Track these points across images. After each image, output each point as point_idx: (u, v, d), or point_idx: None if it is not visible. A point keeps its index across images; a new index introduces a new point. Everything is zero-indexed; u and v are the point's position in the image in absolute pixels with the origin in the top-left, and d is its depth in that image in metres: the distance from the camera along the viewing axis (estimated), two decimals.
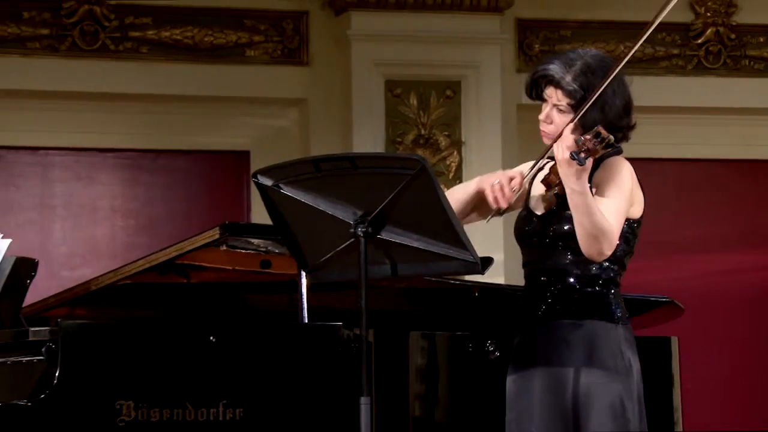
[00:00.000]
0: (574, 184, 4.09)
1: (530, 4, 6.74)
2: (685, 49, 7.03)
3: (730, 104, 6.98)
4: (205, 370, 4.22)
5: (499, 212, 4.19)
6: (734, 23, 7.04)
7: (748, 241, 6.98)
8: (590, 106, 4.18)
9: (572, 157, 4.05)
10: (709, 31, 7.02)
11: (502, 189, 4.16)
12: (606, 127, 4.16)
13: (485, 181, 4.23)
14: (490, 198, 4.19)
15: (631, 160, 4.36)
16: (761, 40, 7.07)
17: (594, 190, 4.16)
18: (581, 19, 6.87)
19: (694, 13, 7.02)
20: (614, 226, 4.16)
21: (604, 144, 4.09)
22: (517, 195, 4.17)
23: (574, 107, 4.19)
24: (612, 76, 4.14)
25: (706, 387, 6.52)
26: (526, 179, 4.19)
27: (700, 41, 7.02)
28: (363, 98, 6.53)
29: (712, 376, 6.69)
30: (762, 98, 6.98)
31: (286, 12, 6.69)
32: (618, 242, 4.19)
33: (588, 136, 4.08)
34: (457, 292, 5.01)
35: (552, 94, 4.24)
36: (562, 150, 4.11)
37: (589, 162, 4.09)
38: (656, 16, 4.07)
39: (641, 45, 6.81)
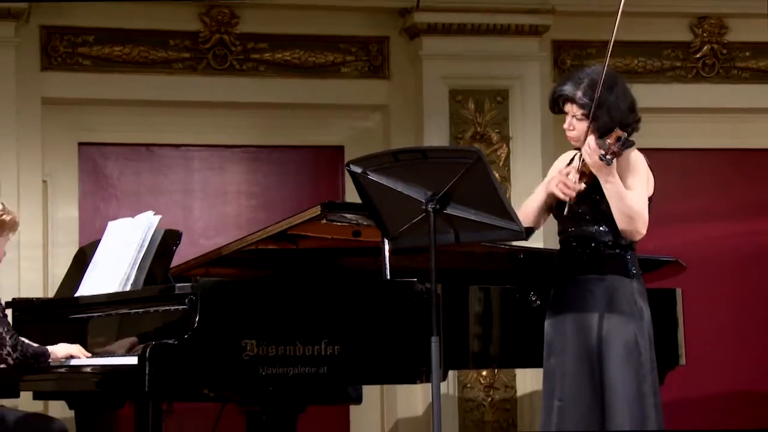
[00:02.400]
0: (607, 176, 4.08)
1: (563, 28, 6.68)
2: (686, 62, 6.94)
3: (723, 105, 6.90)
4: (310, 315, 4.24)
5: (571, 201, 4.17)
6: (726, 41, 6.95)
7: (737, 213, 6.91)
8: (600, 112, 4.16)
9: (601, 159, 4.04)
10: (705, 47, 6.93)
11: (566, 185, 4.14)
12: (618, 126, 4.13)
13: (549, 186, 4.21)
14: (561, 195, 4.17)
15: (644, 150, 4.33)
16: (747, 54, 6.98)
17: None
18: (603, 39, 6.78)
19: (693, 34, 6.93)
20: (642, 208, 4.13)
21: (624, 145, 4.07)
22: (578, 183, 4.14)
23: (588, 116, 4.18)
24: (601, 83, 4.12)
25: (704, 328, 6.46)
26: (574, 169, 4.16)
27: (698, 56, 6.93)
28: (432, 104, 6.51)
29: (709, 320, 6.64)
30: (748, 100, 6.89)
31: (372, 37, 6.68)
32: None
33: (611, 141, 4.06)
34: (506, 255, 4.99)
35: (569, 108, 4.23)
36: (591, 155, 4.08)
37: (615, 161, 4.08)
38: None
39: (652, 59, 6.83)
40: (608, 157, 4.03)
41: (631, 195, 4.09)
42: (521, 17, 6.53)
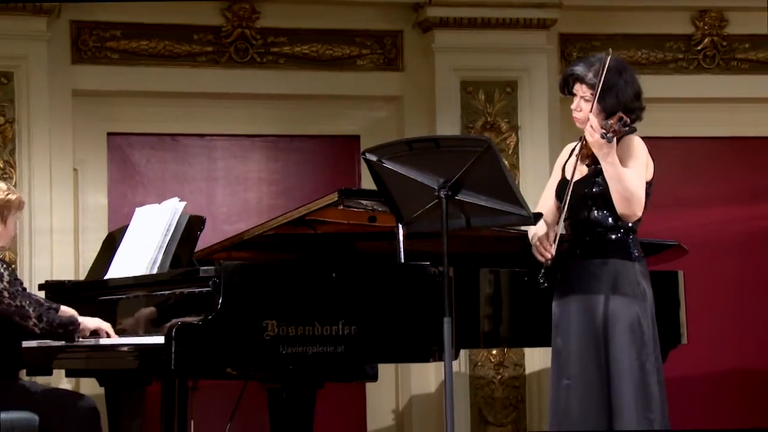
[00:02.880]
0: (606, 157, 4.07)
1: (569, 22, 6.66)
2: (688, 54, 6.92)
3: (722, 95, 6.88)
4: (328, 297, 4.24)
5: (547, 264, 4.18)
6: (726, 34, 6.92)
7: (736, 198, 6.89)
8: (608, 94, 4.15)
9: (602, 137, 4.03)
10: (706, 39, 6.90)
11: (544, 247, 4.15)
12: (622, 110, 4.12)
13: (532, 240, 4.23)
14: (539, 257, 4.18)
15: (647, 138, 4.32)
16: (746, 46, 6.95)
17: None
18: (608, 32, 6.78)
19: (695, 27, 6.91)
20: (639, 190, 4.12)
21: (626, 126, 4.06)
22: (555, 245, 4.15)
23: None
24: (605, 70, 4.11)
25: (705, 308, 6.45)
26: (553, 232, 4.17)
27: (699, 48, 6.91)
28: (444, 95, 6.50)
29: (709, 300, 6.63)
30: (746, 90, 6.86)
31: (386, 31, 6.67)
32: None
33: (613, 121, 4.05)
34: (515, 239, 4.99)
35: (579, 88, 4.22)
36: (592, 133, 4.07)
37: (615, 140, 4.06)
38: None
39: (655, 51, 6.80)
40: (609, 135, 4.03)
41: (630, 177, 4.09)
42: (529, 11, 6.51)
